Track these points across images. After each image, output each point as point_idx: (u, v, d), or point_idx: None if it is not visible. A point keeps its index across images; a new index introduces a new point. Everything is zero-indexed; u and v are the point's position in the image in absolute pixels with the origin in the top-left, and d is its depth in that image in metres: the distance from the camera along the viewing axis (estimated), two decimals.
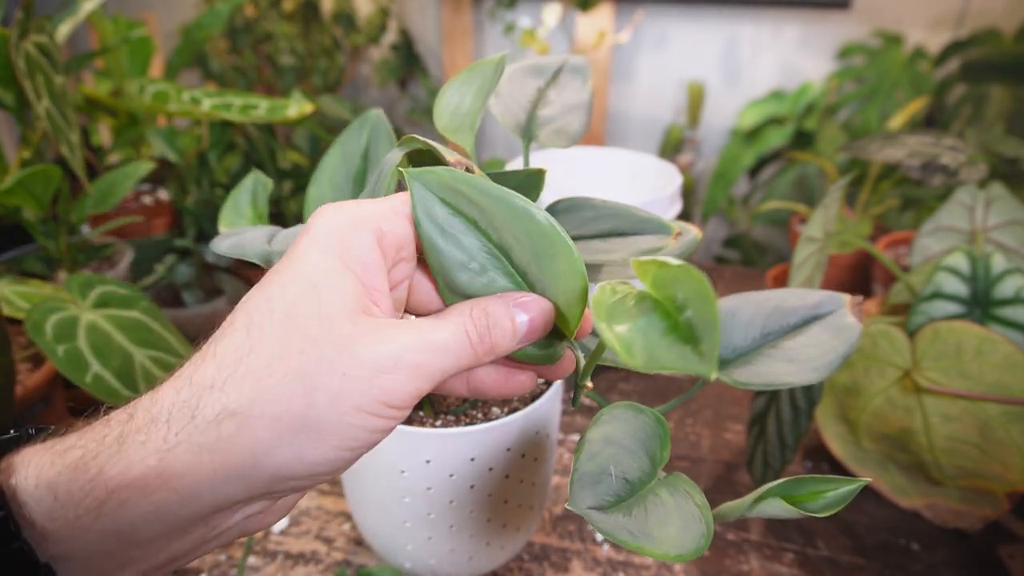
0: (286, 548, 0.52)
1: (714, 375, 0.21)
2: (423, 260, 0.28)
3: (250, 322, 0.23)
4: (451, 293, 0.27)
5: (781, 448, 0.52)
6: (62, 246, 0.69)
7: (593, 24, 1.51)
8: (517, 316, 0.26)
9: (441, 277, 0.27)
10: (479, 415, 0.40)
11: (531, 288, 0.27)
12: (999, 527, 0.55)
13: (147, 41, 0.89)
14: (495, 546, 0.45)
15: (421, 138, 0.28)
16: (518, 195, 0.26)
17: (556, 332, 0.28)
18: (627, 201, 0.41)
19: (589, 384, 0.31)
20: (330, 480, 0.28)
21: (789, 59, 1.50)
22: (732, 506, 0.30)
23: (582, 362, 0.30)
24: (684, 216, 1.48)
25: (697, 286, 0.22)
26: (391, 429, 0.24)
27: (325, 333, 0.23)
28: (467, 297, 0.27)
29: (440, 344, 0.24)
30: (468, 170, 0.27)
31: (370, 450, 0.25)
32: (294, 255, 0.24)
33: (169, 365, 0.57)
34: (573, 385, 0.32)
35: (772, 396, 0.54)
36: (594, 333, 0.35)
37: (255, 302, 0.24)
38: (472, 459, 0.39)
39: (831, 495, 0.29)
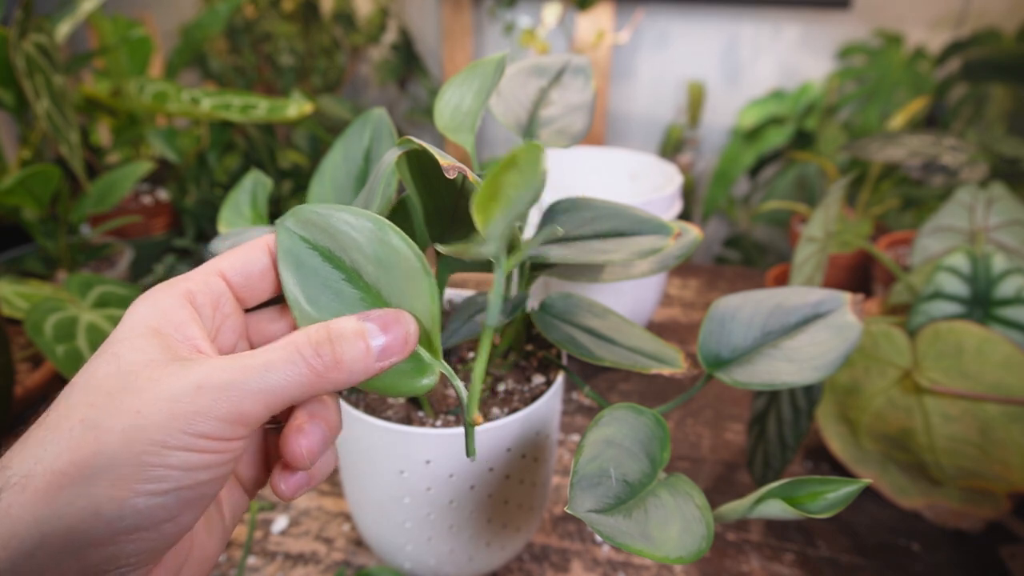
0: (286, 548, 0.52)
1: None
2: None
3: (49, 408, 0.22)
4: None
5: (781, 448, 0.52)
6: (61, 246, 0.69)
7: (593, 24, 1.50)
8: (367, 326, 0.25)
9: (296, 310, 0.26)
10: (479, 415, 0.40)
11: (387, 305, 0.27)
12: (1000, 527, 0.55)
13: (146, 41, 0.89)
14: (495, 547, 0.45)
15: (417, 140, 0.28)
16: (366, 214, 0.26)
17: (419, 358, 0.27)
18: (627, 201, 0.41)
19: (479, 419, 0.29)
20: (221, 537, 0.27)
21: (789, 59, 1.50)
22: (732, 507, 0.30)
23: (462, 392, 0.29)
24: (684, 216, 1.48)
25: None
26: (224, 463, 0.22)
27: (121, 384, 0.21)
28: None
29: (260, 362, 0.23)
30: (462, 174, 0.27)
31: (212, 494, 0.23)
32: (106, 339, 0.24)
33: None
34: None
35: (772, 396, 0.53)
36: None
37: (62, 392, 0.23)
38: (472, 459, 0.39)
39: (832, 496, 0.29)
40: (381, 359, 0.25)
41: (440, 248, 0.30)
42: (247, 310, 0.28)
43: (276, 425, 0.29)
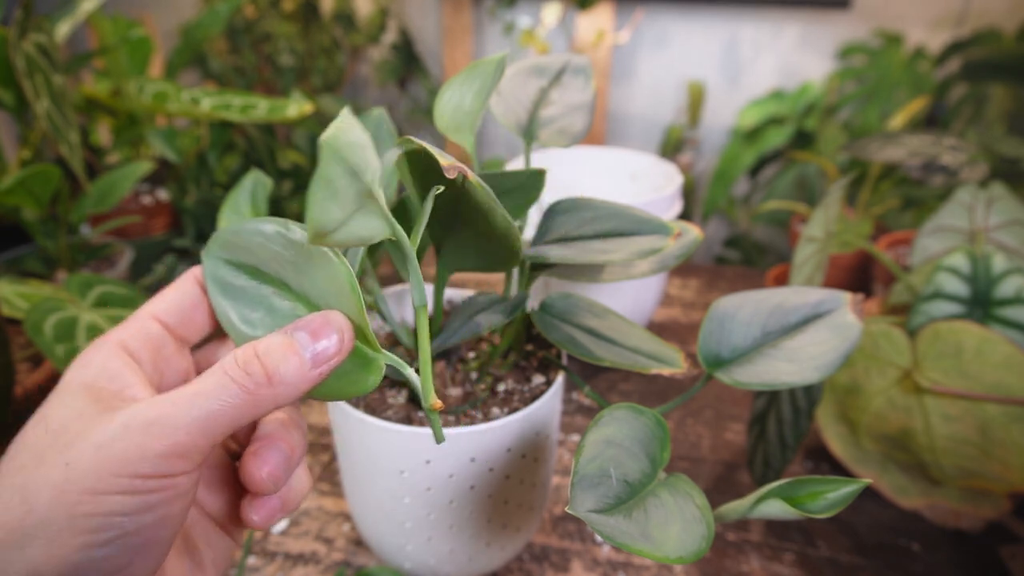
0: (286, 548, 0.52)
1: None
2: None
3: None
4: None
5: (782, 448, 0.52)
6: (61, 246, 0.69)
7: (593, 24, 1.50)
8: (296, 336, 0.24)
9: (232, 333, 0.26)
10: (479, 415, 0.40)
11: (317, 310, 0.26)
12: (1000, 528, 0.55)
13: (146, 41, 0.89)
14: (495, 547, 0.45)
15: (417, 140, 0.28)
16: (272, 219, 0.25)
17: (360, 355, 0.26)
18: (627, 201, 0.41)
19: (438, 405, 0.27)
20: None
21: (789, 59, 1.50)
22: (733, 507, 0.30)
23: (415, 380, 0.27)
24: (684, 216, 1.48)
25: None
26: (169, 502, 0.21)
27: (50, 441, 0.21)
28: None
29: (190, 392, 0.22)
30: (462, 174, 0.27)
31: (167, 537, 0.22)
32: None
33: None
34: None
35: (772, 396, 0.53)
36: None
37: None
38: (472, 459, 0.39)
39: (832, 496, 0.29)
40: (316, 365, 0.24)
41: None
42: (194, 347, 0.28)
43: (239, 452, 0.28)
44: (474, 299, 0.40)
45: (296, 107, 0.76)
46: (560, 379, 0.42)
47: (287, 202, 0.90)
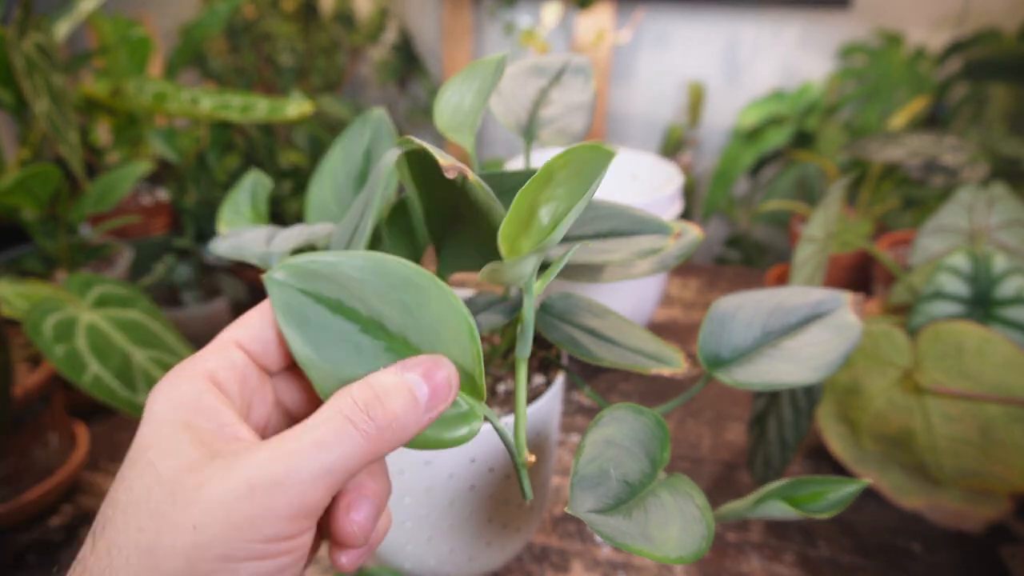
0: None
1: None
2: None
3: (95, 528, 0.20)
4: (331, 391, 0.23)
5: (782, 448, 0.51)
6: (61, 246, 0.69)
7: (593, 24, 1.50)
8: (409, 377, 0.22)
9: (312, 372, 0.23)
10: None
11: (417, 352, 0.24)
12: (1001, 528, 0.55)
13: (146, 41, 0.89)
14: (495, 547, 0.45)
15: (416, 140, 0.28)
16: (372, 254, 0.24)
17: (460, 404, 0.25)
18: (627, 201, 0.41)
19: (531, 460, 0.27)
20: None
21: (789, 59, 1.50)
22: (733, 507, 0.30)
23: (507, 435, 0.27)
24: (684, 216, 1.48)
25: None
26: (296, 562, 0.21)
27: (167, 496, 0.20)
28: None
29: (308, 443, 0.21)
30: (462, 174, 0.27)
31: None
32: (133, 443, 0.22)
33: (168, 365, 0.56)
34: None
35: (773, 396, 0.53)
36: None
37: (102, 508, 0.21)
38: (472, 460, 0.39)
39: (832, 496, 0.29)
40: (429, 410, 0.23)
41: (479, 277, 0.27)
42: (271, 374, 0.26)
43: None
44: (474, 299, 0.40)
45: (296, 107, 0.76)
46: (560, 379, 0.42)
47: (287, 202, 0.90)
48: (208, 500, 0.19)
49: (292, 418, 0.26)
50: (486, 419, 0.25)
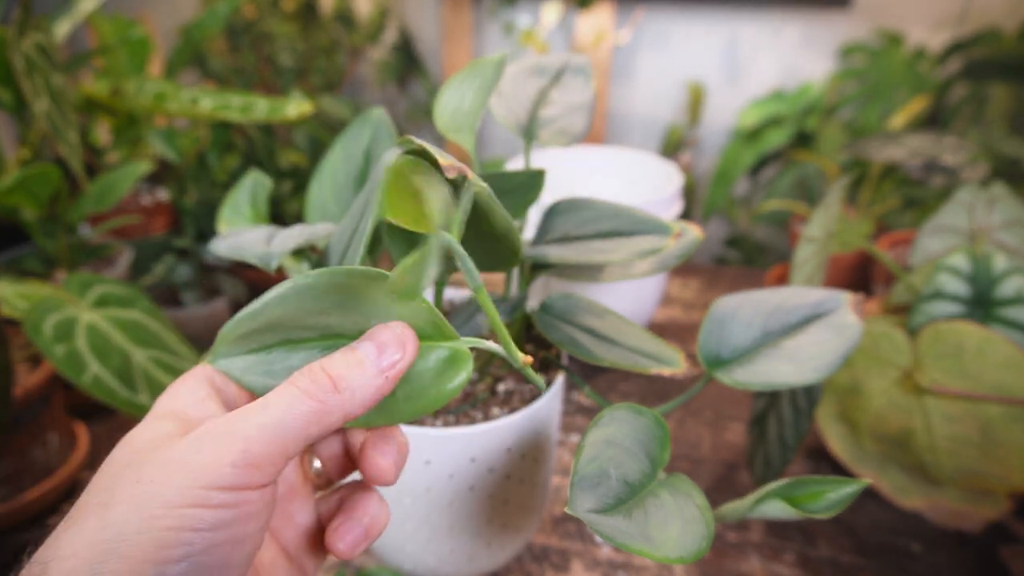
0: None
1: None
2: None
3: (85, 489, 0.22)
4: None
5: (782, 448, 0.51)
6: (61, 246, 0.69)
7: (593, 23, 1.50)
8: (359, 346, 0.24)
9: None
10: (479, 415, 0.40)
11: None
12: (1001, 528, 0.55)
13: (146, 41, 0.89)
14: (495, 547, 0.45)
15: (416, 140, 0.28)
16: (282, 288, 0.24)
17: (443, 351, 0.25)
18: (627, 201, 0.41)
19: (528, 360, 0.27)
20: None
21: (789, 59, 1.50)
22: (733, 507, 0.30)
23: (495, 348, 0.26)
24: (685, 216, 1.48)
25: None
26: (240, 520, 0.21)
27: (129, 460, 0.21)
28: None
29: (258, 405, 0.22)
30: (462, 174, 0.27)
31: (238, 563, 0.21)
32: None
33: (168, 365, 0.56)
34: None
35: (773, 396, 0.53)
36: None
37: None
38: (472, 460, 0.39)
39: (832, 496, 0.29)
40: (382, 371, 0.23)
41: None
42: None
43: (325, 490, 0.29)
44: (474, 299, 0.40)
45: (296, 107, 0.76)
46: (560, 379, 0.42)
47: (287, 202, 0.90)
48: (159, 459, 0.21)
49: None
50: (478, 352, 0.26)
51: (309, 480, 0.28)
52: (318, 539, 0.27)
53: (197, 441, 0.21)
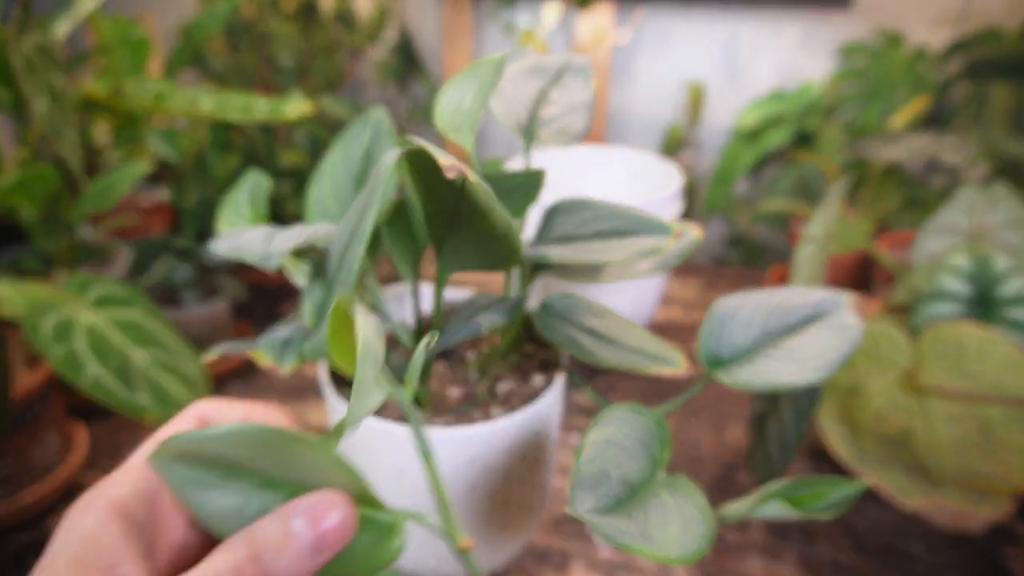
0: None
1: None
2: None
3: None
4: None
5: (782, 449, 0.51)
6: (60, 246, 0.69)
7: (593, 24, 1.50)
8: (292, 525, 0.22)
9: (215, 530, 0.24)
10: (479, 415, 0.40)
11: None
12: (1002, 529, 0.55)
13: (146, 41, 0.89)
14: (495, 547, 0.44)
15: (416, 140, 0.28)
16: (232, 428, 0.24)
17: (374, 523, 0.25)
18: (627, 201, 0.41)
19: (468, 545, 0.28)
20: None
21: (789, 59, 1.50)
22: (733, 507, 0.30)
23: (439, 526, 0.28)
24: (685, 216, 1.48)
25: None
26: None
27: None
28: None
29: None
30: (462, 174, 0.27)
31: None
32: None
33: (168, 365, 0.56)
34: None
35: (773, 396, 0.53)
36: None
37: None
38: (472, 460, 0.39)
39: (832, 496, 0.29)
40: (318, 552, 0.22)
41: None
42: None
43: None
44: (474, 299, 0.40)
45: (296, 107, 0.76)
46: (560, 379, 0.42)
47: (287, 202, 0.90)
48: None
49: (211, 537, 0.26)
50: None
51: None
52: None
53: None
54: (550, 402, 0.41)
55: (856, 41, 1.41)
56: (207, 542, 0.26)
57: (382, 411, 0.40)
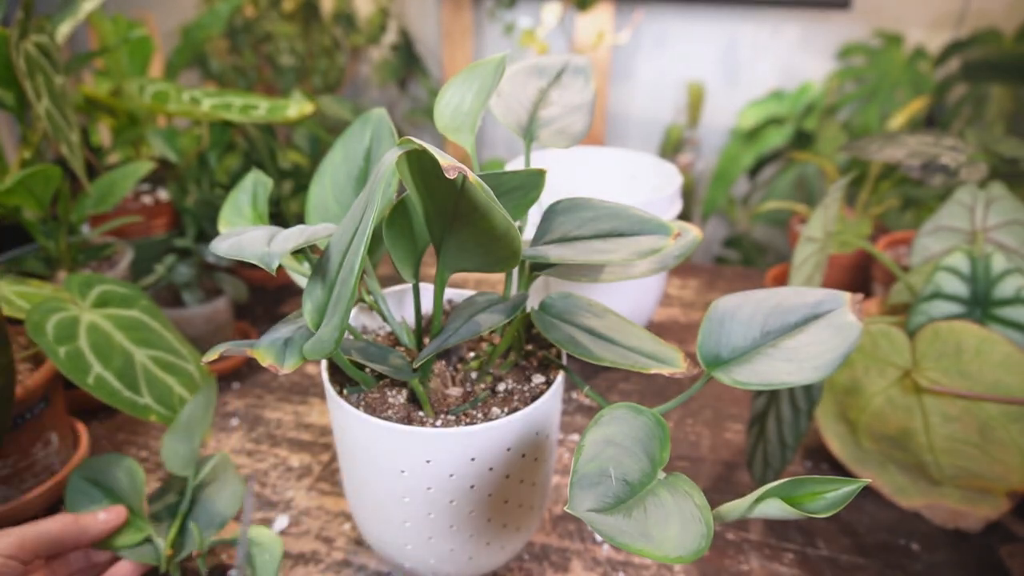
0: (286, 548, 0.52)
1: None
2: None
3: None
4: None
5: (781, 448, 0.52)
6: (62, 246, 0.69)
7: (593, 24, 1.51)
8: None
9: None
10: (479, 415, 0.40)
11: None
12: (999, 527, 0.55)
13: (147, 41, 0.89)
14: (495, 546, 0.45)
15: (416, 140, 0.28)
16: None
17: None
18: (627, 201, 0.41)
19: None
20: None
21: (789, 59, 1.50)
22: (732, 506, 0.30)
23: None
24: (684, 216, 1.48)
25: None
26: None
27: None
28: None
29: None
30: (462, 174, 0.27)
31: None
32: None
33: (169, 364, 0.57)
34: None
35: (772, 396, 0.54)
36: None
37: None
38: (472, 459, 0.39)
39: (831, 495, 0.29)
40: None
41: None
42: None
43: None
44: (474, 299, 0.40)
45: (296, 107, 0.76)
46: (560, 379, 0.42)
47: (287, 202, 0.90)
48: None
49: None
50: None
51: None
52: None
53: None
54: (550, 402, 0.41)
55: (855, 42, 1.41)
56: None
57: (383, 412, 0.40)
